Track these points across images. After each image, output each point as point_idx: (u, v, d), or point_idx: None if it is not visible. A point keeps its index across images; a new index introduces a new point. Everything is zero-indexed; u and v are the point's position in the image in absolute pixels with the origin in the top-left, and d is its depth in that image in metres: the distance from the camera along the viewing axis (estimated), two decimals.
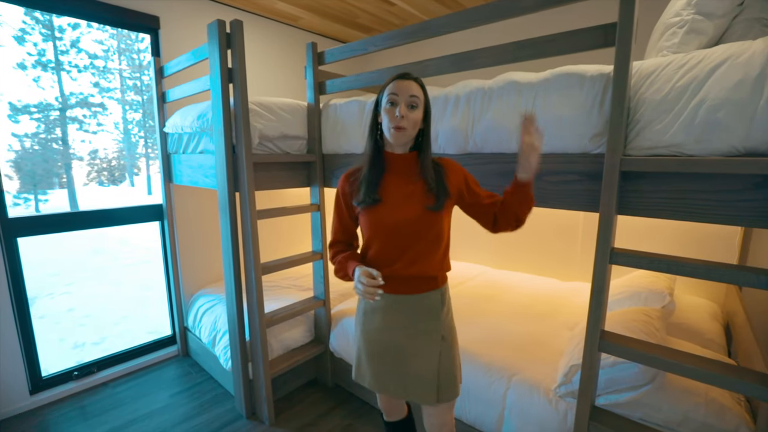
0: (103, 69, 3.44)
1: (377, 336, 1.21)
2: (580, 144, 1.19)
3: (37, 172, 3.55)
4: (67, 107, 3.30)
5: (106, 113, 3.53)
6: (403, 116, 1.07)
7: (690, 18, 1.11)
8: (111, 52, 3.55)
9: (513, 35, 1.42)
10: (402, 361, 1.18)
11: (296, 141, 2.01)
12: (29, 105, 3.04)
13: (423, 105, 1.12)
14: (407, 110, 1.08)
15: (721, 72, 0.94)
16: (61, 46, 3.12)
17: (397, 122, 1.08)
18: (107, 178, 4.20)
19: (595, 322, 1.14)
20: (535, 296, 2.37)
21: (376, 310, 1.21)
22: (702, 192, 1.00)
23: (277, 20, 3.02)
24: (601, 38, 1.12)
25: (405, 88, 1.08)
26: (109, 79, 3.52)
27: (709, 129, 0.95)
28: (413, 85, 1.09)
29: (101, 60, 3.42)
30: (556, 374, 1.47)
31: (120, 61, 3.63)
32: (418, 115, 1.11)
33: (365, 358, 1.23)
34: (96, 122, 3.50)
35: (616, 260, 1.10)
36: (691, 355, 1.05)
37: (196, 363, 2.52)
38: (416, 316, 1.17)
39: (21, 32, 2.82)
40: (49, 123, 3.26)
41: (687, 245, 2.20)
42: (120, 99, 3.67)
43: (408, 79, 1.10)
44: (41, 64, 3.00)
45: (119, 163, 4.27)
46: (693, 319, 1.86)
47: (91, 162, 4.00)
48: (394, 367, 1.19)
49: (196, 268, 2.64)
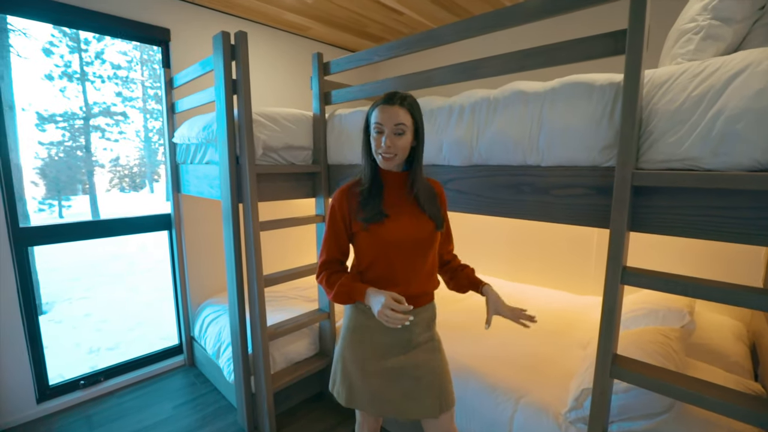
0: (126, 79, 3.55)
1: (376, 356, 1.16)
2: (589, 156, 1.13)
3: (61, 179, 3.67)
4: (91, 116, 3.41)
5: (128, 122, 3.64)
6: (389, 145, 1.07)
7: (706, 24, 1.04)
8: (134, 62, 3.67)
9: (520, 44, 1.38)
10: (403, 378, 1.15)
11: (301, 151, 2.00)
12: (55, 114, 3.15)
13: (412, 128, 1.10)
14: (394, 138, 1.07)
15: (741, 80, 0.87)
16: (86, 58, 3.24)
17: (384, 150, 1.08)
18: (128, 185, 4.31)
19: (606, 345, 1.07)
20: (548, 311, 2.28)
21: (370, 329, 1.16)
22: (722, 209, 0.93)
23: (287, 30, 3.04)
24: (611, 46, 1.07)
25: (390, 116, 1.06)
26: (131, 88, 3.63)
27: (727, 141, 0.88)
28: (398, 112, 1.06)
29: (124, 70, 3.54)
30: (567, 397, 1.39)
31: (142, 71, 3.74)
32: (406, 141, 1.09)
33: (360, 380, 1.18)
34: (118, 130, 3.61)
35: (628, 280, 1.03)
36: (711, 385, 0.97)
37: (201, 374, 2.51)
38: (416, 329, 1.17)
39: (49, 45, 2.93)
40: (74, 131, 3.37)
41: (705, 263, 2.08)
42: (142, 108, 3.77)
43: (393, 105, 1.07)
44: (67, 75, 3.11)
45: (140, 170, 4.38)
46: (716, 340, 1.75)
47: (112, 169, 4.12)
48: (395, 387, 1.15)
49: (202, 278, 2.65)
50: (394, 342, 1.15)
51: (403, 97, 1.09)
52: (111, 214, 2.56)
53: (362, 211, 1.12)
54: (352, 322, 1.21)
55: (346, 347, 1.22)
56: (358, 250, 1.18)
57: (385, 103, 1.07)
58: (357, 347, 1.19)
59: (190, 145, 2.18)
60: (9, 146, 1.94)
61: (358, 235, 1.15)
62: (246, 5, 2.54)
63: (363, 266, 1.17)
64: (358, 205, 1.13)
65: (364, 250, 1.16)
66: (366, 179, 1.15)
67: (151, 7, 2.32)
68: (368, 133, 1.13)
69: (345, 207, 1.15)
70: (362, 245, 1.16)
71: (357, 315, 1.20)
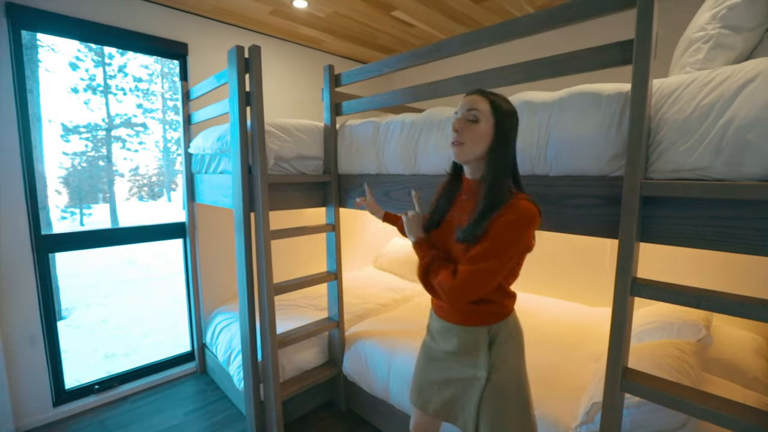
0: (147, 91, 3.68)
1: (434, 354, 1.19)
2: (598, 166, 1.13)
3: (83, 187, 3.80)
4: (113, 127, 3.54)
5: (148, 132, 3.77)
6: (457, 130, 1.02)
7: (716, 32, 1.04)
8: (155, 75, 3.80)
9: (528, 54, 1.38)
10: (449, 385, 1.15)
11: (312, 161, 2.03)
12: (79, 126, 3.29)
13: (490, 120, 1.00)
14: (464, 123, 1.01)
15: (752, 89, 0.86)
16: (110, 71, 3.38)
17: (453, 137, 1.03)
18: (147, 194, 4.43)
19: (616, 359, 1.05)
20: (561, 323, 2.24)
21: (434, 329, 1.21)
22: (735, 219, 0.91)
23: (301, 44, 3.11)
24: (618, 56, 1.07)
25: (467, 102, 1.03)
26: (152, 100, 3.77)
27: (739, 151, 0.87)
28: (475, 98, 1.02)
29: (145, 83, 3.67)
30: (578, 411, 1.36)
31: (162, 83, 3.88)
32: (479, 131, 1.00)
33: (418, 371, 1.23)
34: (138, 141, 3.74)
35: (638, 292, 1.01)
36: (728, 402, 0.94)
37: (212, 381, 2.54)
38: (460, 347, 1.11)
39: (75, 59, 3.08)
40: (96, 142, 3.51)
41: (720, 274, 2.01)
42: (161, 119, 3.90)
43: (472, 94, 1.04)
44: (91, 87, 3.26)
45: (158, 179, 4.51)
46: (735, 354, 1.69)
47: (132, 178, 4.25)
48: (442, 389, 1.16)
49: (215, 285, 2.69)
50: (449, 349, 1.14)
51: (485, 90, 1.05)
52: (129, 222, 2.63)
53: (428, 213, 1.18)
54: (429, 320, 1.26)
55: (423, 339, 1.26)
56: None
57: (467, 93, 1.06)
58: (427, 340, 1.24)
59: (205, 155, 2.24)
60: (35, 157, 2.03)
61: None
62: (261, 20, 2.62)
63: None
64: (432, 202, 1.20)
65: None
66: (442, 184, 1.19)
67: (170, 23, 2.41)
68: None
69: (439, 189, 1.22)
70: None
71: (430, 315, 1.25)
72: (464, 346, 1.10)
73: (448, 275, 1.00)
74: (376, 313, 2.58)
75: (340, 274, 2.17)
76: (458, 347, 1.11)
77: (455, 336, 1.11)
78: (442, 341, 1.16)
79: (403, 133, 1.69)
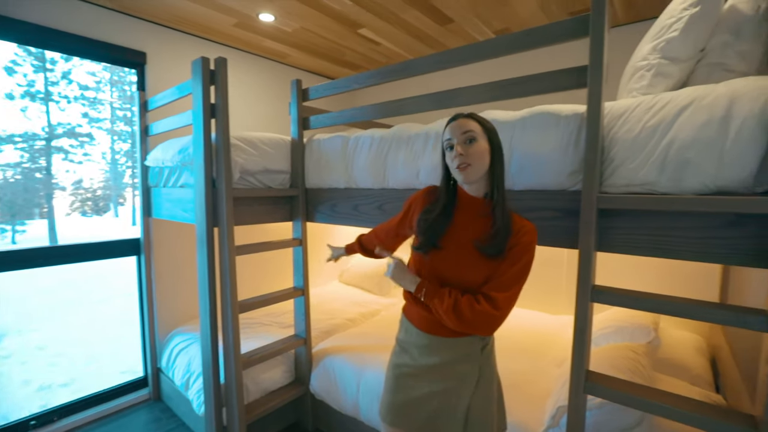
0: (94, 100, 3.45)
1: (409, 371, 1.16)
2: (558, 181, 1.21)
3: (17, 202, 3.46)
4: (54, 137, 3.27)
5: (94, 143, 3.52)
6: (461, 153, 1.02)
7: (656, 62, 1.16)
8: (103, 83, 3.58)
9: (493, 75, 1.47)
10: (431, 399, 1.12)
11: (279, 175, 2.00)
12: (14, 135, 3.01)
13: (485, 136, 1.04)
14: (465, 146, 1.02)
15: (688, 113, 0.97)
16: (52, 78, 3.14)
17: (458, 161, 1.03)
18: (91, 208, 4.11)
19: (579, 363, 1.11)
20: (523, 331, 2.32)
21: (413, 345, 1.16)
22: (678, 229, 1.00)
23: (266, 57, 3.09)
24: (574, 80, 1.16)
25: (457, 127, 1.04)
26: (98, 109, 3.53)
27: (680, 168, 0.97)
28: (465, 121, 1.05)
29: (92, 91, 3.44)
30: (544, 416, 1.41)
31: (111, 92, 3.66)
32: (480, 147, 1.03)
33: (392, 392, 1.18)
34: (82, 152, 3.48)
35: (597, 298, 1.08)
36: (678, 397, 1.02)
37: (168, 408, 2.37)
38: (451, 358, 1.11)
39: (12, 63, 2.83)
40: (34, 153, 3.22)
41: (670, 280, 2.20)
42: (109, 129, 3.66)
43: (458, 119, 1.06)
44: (30, 94, 3.00)
45: (104, 193, 4.20)
46: (679, 354, 1.84)
47: (74, 192, 3.93)
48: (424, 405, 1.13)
49: (172, 305, 2.54)
50: (432, 364, 1.13)
51: (470, 113, 1.08)
52: (70, 239, 2.43)
53: (420, 234, 1.12)
54: (400, 335, 1.24)
55: (392, 355, 1.24)
56: (412, 265, 1.19)
57: (451, 120, 1.07)
58: (398, 357, 1.21)
59: (164, 168, 2.14)
60: None
61: (414, 254, 1.17)
62: (225, 32, 2.58)
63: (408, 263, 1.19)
64: (419, 224, 1.14)
65: (413, 267, 1.17)
66: (437, 205, 1.13)
67: (127, 30, 2.31)
68: (445, 162, 1.11)
69: (417, 207, 1.20)
70: (414, 262, 1.18)
71: (402, 330, 1.23)
72: (456, 356, 1.10)
73: (473, 302, 1.00)
74: (344, 329, 2.54)
75: (308, 290, 2.13)
76: (448, 359, 1.10)
77: (447, 349, 1.10)
78: (423, 356, 1.14)
79: (372, 148, 1.72)
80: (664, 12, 1.21)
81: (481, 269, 1.05)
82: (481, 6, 2.21)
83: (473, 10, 2.26)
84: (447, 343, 1.10)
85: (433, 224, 1.10)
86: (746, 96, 0.90)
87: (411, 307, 1.18)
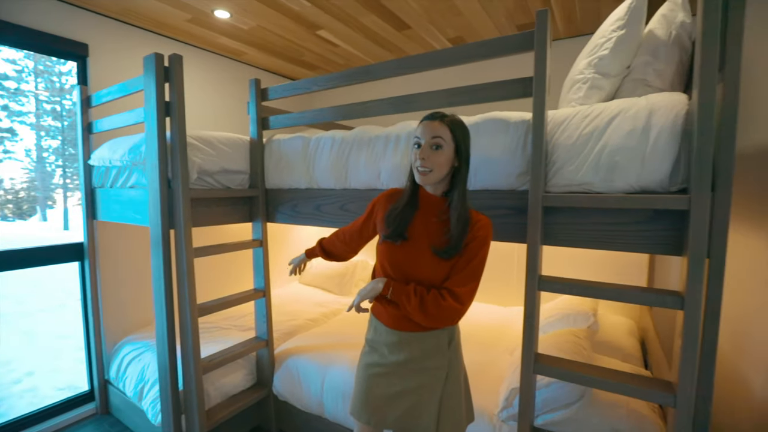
0: (16, 91, 3.12)
1: (381, 370, 1.20)
2: (508, 182, 1.32)
3: None
4: None
5: (16, 139, 3.18)
6: (424, 158, 1.06)
7: (591, 76, 1.30)
8: (25, 72, 3.25)
9: (449, 81, 1.55)
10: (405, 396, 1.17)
11: (238, 175, 1.97)
12: None
13: (452, 145, 1.07)
14: (429, 151, 1.06)
15: (616, 123, 1.11)
16: None
17: (420, 164, 1.08)
18: (12, 212, 3.70)
19: (529, 345, 1.22)
20: (478, 324, 2.46)
21: (383, 343, 1.21)
22: (609, 224, 1.14)
23: (220, 54, 3.00)
24: (521, 90, 1.27)
25: (428, 129, 1.07)
26: (21, 102, 3.20)
27: (610, 170, 1.10)
28: (437, 126, 1.07)
29: (12, 81, 3.11)
30: (498, 399, 1.53)
31: (36, 83, 3.33)
32: (444, 157, 1.07)
33: (365, 391, 1.22)
34: (2, 149, 3.14)
35: (543, 287, 1.20)
36: (613, 372, 1.16)
37: (118, 421, 2.24)
38: (421, 353, 1.16)
39: None
40: None
41: (608, 270, 2.44)
42: (34, 124, 3.33)
43: (433, 120, 1.08)
44: None
45: (29, 195, 3.80)
46: (615, 337, 2.05)
47: None
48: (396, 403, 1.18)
49: (121, 312, 2.41)
50: (403, 360, 1.17)
51: (444, 115, 1.10)
52: None
53: (387, 226, 1.17)
54: (369, 334, 1.27)
55: (362, 354, 1.27)
56: (377, 251, 1.23)
57: (426, 119, 1.10)
58: (368, 356, 1.24)
59: (111, 168, 2.03)
60: None
61: (379, 247, 1.21)
62: (178, 27, 2.49)
63: (376, 267, 1.24)
64: (387, 217, 1.18)
65: (378, 255, 1.22)
66: (403, 198, 1.18)
67: (67, 20, 2.16)
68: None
69: (380, 208, 1.23)
70: (379, 257, 1.22)
71: (371, 329, 1.27)
72: (425, 351, 1.16)
73: (439, 299, 1.07)
74: (306, 329, 2.55)
75: (269, 291, 2.12)
76: (417, 354, 1.16)
77: (415, 343, 1.16)
78: (394, 353, 1.18)
79: (334, 149, 1.75)
80: (597, 32, 1.36)
81: (439, 269, 1.11)
82: (436, 14, 2.31)
83: (429, 17, 2.36)
84: (415, 338, 1.16)
85: (401, 214, 1.15)
86: (662, 109, 1.05)
87: (379, 307, 1.22)
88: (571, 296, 2.14)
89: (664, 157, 1.04)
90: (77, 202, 3.10)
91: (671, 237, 1.07)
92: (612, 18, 1.32)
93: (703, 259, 0.97)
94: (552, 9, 2.25)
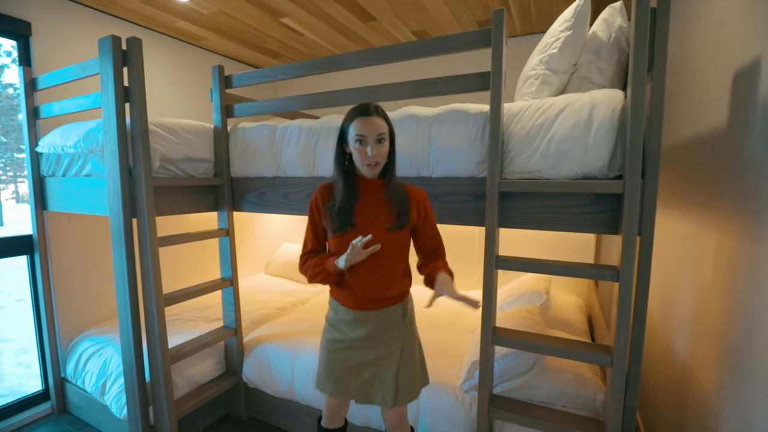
0: None
1: (345, 345, 1.27)
2: (468, 169, 1.41)
3: None
4: None
5: None
6: (375, 155, 1.14)
7: (542, 72, 1.41)
8: None
9: (411, 73, 1.62)
10: (366, 368, 1.26)
11: (202, 164, 1.95)
12: None
13: (389, 134, 1.18)
14: (378, 146, 1.14)
15: (564, 115, 1.22)
16: None
17: (369, 160, 1.14)
18: None
19: (488, 319, 1.33)
20: (440, 305, 2.57)
21: (342, 322, 1.28)
22: (557, 207, 1.27)
23: (178, 38, 2.89)
24: (479, 83, 1.36)
25: (372, 127, 1.13)
26: None
27: (558, 158, 1.22)
28: (378, 122, 1.14)
29: None
30: (461, 373, 1.65)
31: None
32: (385, 148, 1.17)
33: (328, 366, 1.29)
34: None
35: (500, 265, 1.31)
36: (561, 339, 1.30)
37: (77, 419, 2.16)
38: (377, 328, 1.26)
39: None
40: None
41: (560, 251, 2.63)
42: None
43: (371, 116, 1.13)
44: None
45: None
46: (565, 313, 2.24)
47: None
48: (358, 375, 1.26)
49: (77, 307, 2.31)
50: (361, 335, 1.26)
51: (377, 107, 1.16)
52: None
53: (332, 221, 1.20)
54: (329, 314, 1.35)
55: (324, 332, 1.35)
56: (329, 246, 1.28)
57: (364, 115, 1.13)
58: (329, 333, 1.31)
59: (63, 155, 1.93)
60: None
61: (331, 240, 1.25)
62: (131, 8, 2.37)
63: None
64: (329, 212, 1.21)
65: (332, 248, 1.26)
66: (339, 191, 1.20)
67: None
68: (341, 146, 1.20)
69: (320, 204, 1.25)
70: (332, 247, 1.26)
71: (332, 310, 1.35)
72: (381, 326, 1.26)
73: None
74: (274, 318, 2.56)
75: (236, 280, 2.12)
76: (374, 330, 1.25)
77: (371, 320, 1.25)
78: (352, 330, 1.27)
79: (302, 137, 1.77)
80: (548, 32, 1.47)
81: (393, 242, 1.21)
82: (400, 7, 2.36)
83: (393, 10, 2.41)
84: (372, 315, 1.26)
85: (342, 206, 1.19)
86: (602, 104, 1.17)
87: (336, 289, 1.30)
88: (527, 277, 2.30)
89: (604, 146, 1.16)
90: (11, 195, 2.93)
91: (610, 218, 1.21)
92: (561, 19, 1.43)
93: (634, 237, 1.11)
94: (509, 7, 2.37)
